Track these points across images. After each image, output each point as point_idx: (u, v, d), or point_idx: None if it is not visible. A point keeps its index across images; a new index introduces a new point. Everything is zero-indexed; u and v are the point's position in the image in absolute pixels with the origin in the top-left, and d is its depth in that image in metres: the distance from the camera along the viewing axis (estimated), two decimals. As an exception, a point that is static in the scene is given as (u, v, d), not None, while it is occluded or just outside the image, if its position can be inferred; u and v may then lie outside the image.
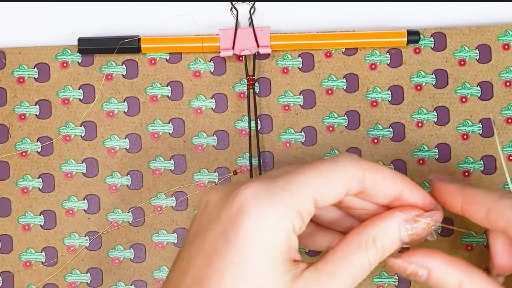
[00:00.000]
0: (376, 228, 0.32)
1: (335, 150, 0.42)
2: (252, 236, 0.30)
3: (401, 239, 0.33)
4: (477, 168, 0.42)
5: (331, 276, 0.31)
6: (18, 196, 0.42)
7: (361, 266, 0.31)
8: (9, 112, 0.42)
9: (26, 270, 0.42)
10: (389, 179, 0.32)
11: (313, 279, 0.31)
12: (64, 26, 0.43)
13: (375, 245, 0.32)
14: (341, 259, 0.31)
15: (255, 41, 0.41)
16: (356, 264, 0.31)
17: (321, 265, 0.31)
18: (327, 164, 0.31)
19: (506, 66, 0.41)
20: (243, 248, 0.30)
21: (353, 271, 0.31)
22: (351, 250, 0.32)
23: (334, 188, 0.31)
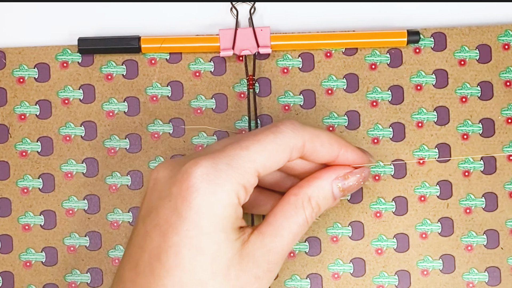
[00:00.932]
0: (311, 188, 0.35)
1: (335, 150, 0.42)
2: (204, 211, 0.32)
3: (334, 196, 0.35)
4: (477, 168, 0.42)
5: (274, 237, 0.33)
6: (18, 196, 0.42)
7: (300, 224, 0.34)
8: (9, 112, 0.42)
9: (26, 270, 0.42)
10: (327, 145, 0.35)
11: (259, 242, 0.33)
12: (64, 26, 0.43)
13: (310, 204, 0.34)
14: (281, 220, 0.34)
15: (255, 41, 0.41)
16: (295, 223, 0.34)
17: (264, 227, 0.34)
18: (270, 137, 0.33)
19: (506, 66, 0.41)
20: (196, 222, 0.32)
21: (293, 230, 0.34)
22: (290, 210, 0.34)
23: (276, 161, 0.33)
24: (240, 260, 0.33)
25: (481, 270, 0.41)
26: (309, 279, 0.42)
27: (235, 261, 0.32)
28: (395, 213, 0.42)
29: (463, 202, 0.41)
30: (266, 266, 0.33)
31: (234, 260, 0.32)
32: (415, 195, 0.42)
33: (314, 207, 0.35)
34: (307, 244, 0.42)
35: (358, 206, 0.42)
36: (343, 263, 0.42)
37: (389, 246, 0.41)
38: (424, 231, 0.41)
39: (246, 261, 0.33)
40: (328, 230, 0.42)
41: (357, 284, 0.41)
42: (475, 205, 0.41)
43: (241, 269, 0.33)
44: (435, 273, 0.41)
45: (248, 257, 0.33)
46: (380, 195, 0.42)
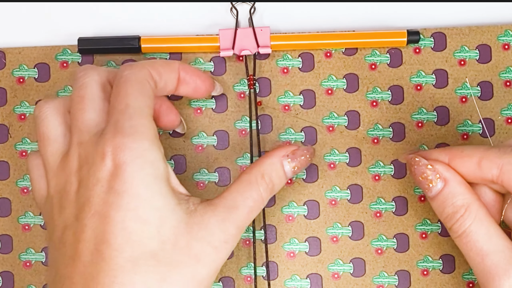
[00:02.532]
0: (263, 165, 0.36)
1: (335, 150, 0.42)
2: (136, 177, 0.32)
3: (285, 172, 0.36)
4: (477, 168, 0.42)
5: (228, 208, 0.34)
6: (18, 196, 0.42)
7: (255, 198, 0.35)
8: (9, 112, 0.42)
9: (26, 270, 0.42)
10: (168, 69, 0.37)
11: (210, 211, 0.34)
12: (64, 26, 0.43)
13: (264, 180, 0.35)
14: (235, 194, 0.35)
15: (255, 41, 0.41)
16: (250, 197, 0.35)
17: (217, 200, 0.34)
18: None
19: (506, 66, 0.41)
20: (134, 192, 0.32)
21: (248, 203, 0.34)
22: (244, 186, 0.35)
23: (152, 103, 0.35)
24: (188, 229, 0.33)
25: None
26: (309, 279, 0.42)
27: (182, 229, 0.33)
28: (395, 213, 0.42)
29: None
30: (222, 235, 0.33)
31: (181, 228, 0.33)
32: (415, 195, 0.42)
33: (268, 183, 0.35)
34: (307, 244, 0.42)
35: (358, 206, 0.42)
36: (343, 263, 0.42)
37: (389, 246, 0.41)
38: (424, 231, 0.41)
39: (196, 229, 0.33)
40: (328, 230, 0.42)
41: (357, 284, 0.41)
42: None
43: (192, 238, 0.33)
44: (435, 273, 0.41)
45: (198, 225, 0.33)
46: (380, 195, 0.42)
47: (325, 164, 0.42)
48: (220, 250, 0.33)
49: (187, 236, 0.33)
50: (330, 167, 0.42)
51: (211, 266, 0.33)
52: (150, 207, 0.32)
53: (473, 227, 0.34)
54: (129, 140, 0.32)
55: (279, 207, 0.42)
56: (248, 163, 0.41)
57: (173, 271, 0.32)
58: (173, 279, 0.32)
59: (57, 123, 0.36)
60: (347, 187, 0.42)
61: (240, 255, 0.42)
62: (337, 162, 0.42)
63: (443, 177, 0.34)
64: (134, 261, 0.32)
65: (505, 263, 0.33)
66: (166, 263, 0.32)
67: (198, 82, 0.38)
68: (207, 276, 0.33)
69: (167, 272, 0.32)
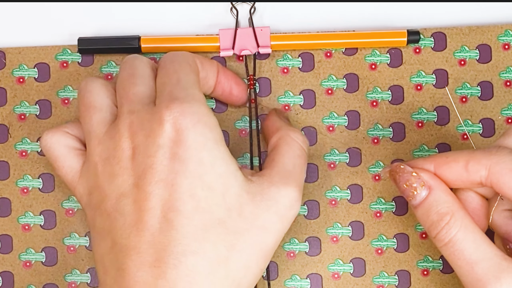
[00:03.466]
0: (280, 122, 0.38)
1: (335, 150, 0.42)
2: (199, 142, 0.32)
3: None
4: (477, 168, 0.42)
5: (282, 174, 0.34)
6: (18, 196, 0.42)
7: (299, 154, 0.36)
8: (9, 112, 0.42)
9: (26, 270, 0.42)
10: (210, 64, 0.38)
11: (267, 182, 0.34)
12: (64, 26, 0.43)
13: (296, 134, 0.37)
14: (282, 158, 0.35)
15: (255, 41, 0.41)
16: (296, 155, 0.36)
17: (268, 170, 0.35)
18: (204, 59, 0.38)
19: (506, 66, 0.41)
20: (199, 158, 0.32)
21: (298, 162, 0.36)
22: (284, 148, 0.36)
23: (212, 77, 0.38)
24: (251, 197, 0.33)
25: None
26: (309, 279, 0.42)
27: (245, 198, 0.33)
28: (395, 213, 0.42)
29: (463, 202, 0.41)
30: (287, 201, 0.34)
31: (244, 197, 0.33)
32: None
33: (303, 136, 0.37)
34: (307, 244, 0.42)
35: (358, 206, 0.42)
36: (343, 263, 0.42)
37: (389, 246, 0.41)
38: (424, 231, 0.41)
39: (259, 199, 0.33)
40: (328, 230, 0.42)
41: (357, 284, 0.41)
42: (475, 205, 0.41)
43: (256, 207, 0.33)
44: (435, 273, 0.41)
45: (261, 195, 0.33)
46: (380, 195, 0.42)
47: (325, 164, 0.42)
48: (286, 218, 0.34)
49: (251, 205, 0.33)
50: (330, 167, 0.42)
51: (276, 236, 0.34)
52: (214, 173, 0.32)
53: (459, 235, 0.33)
54: (187, 106, 0.32)
55: (279, 207, 0.42)
56: (248, 163, 0.41)
57: (241, 239, 0.32)
58: (242, 247, 0.32)
59: (104, 95, 0.36)
60: (347, 187, 0.42)
61: (240, 255, 0.42)
62: (337, 162, 0.42)
63: (427, 185, 0.34)
64: (205, 229, 0.32)
65: (495, 270, 0.32)
66: (234, 231, 0.32)
67: (233, 84, 0.39)
68: (272, 245, 0.34)
69: (235, 240, 0.32)
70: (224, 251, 0.32)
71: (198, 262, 0.31)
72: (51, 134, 0.36)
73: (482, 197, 0.35)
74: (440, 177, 0.34)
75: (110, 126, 0.34)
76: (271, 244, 0.34)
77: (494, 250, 0.33)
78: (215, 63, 0.39)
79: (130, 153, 0.33)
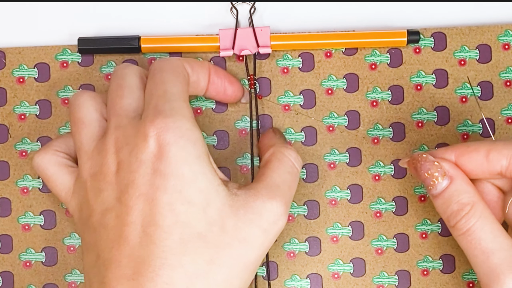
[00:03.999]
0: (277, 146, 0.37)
1: (335, 150, 0.42)
2: (181, 157, 0.32)
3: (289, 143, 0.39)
4: (477, 168, 0.42)
5: (269, 188, 0.34)
6: (18, 196, 0.42)
7: (290, 171, 0.36)
8: (9, 112, 0.42)
9: (26, 270, 0.42)
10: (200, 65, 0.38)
11: (253, 195, 0.34)
12: (64, 26, 0.43)
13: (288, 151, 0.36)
14: (271, 173, 0.35)
15: (255, 41, 0.41)
16: (286, 172, 0.36)
17: (255, 184, 0.35)
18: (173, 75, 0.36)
19: (506, 66, 0.41)
20: (179, 173, 0.32)
21: (286, 178, 0.35)
22: (275, 164, 0.36)
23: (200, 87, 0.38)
24: (234, 211, 0.33)
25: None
26: (309, 279, 0.42)
27: (228, 212, 0.33)
28: (395, 213, 0.42)
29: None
30: (271, 217, 0.34)
31: (226, 210, 0.33)
32: (415, 195, 0.42)
33: (295, 153, 0.37)
34: (307, 244, 0.42)
35: (358, 206, 0.42)
36: (343, 263, 0.42)
37: (389, 246, 0.41)
38: (424, 231, 0.41)
39: (242, 212, 0.33)
40: (328, 230, 0.42)
41: (357, 284, 0.41)
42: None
43: (239, 220, 0.33)
44: (435, 273, 0.41)
45: (244, 208, 0.33)
46: (380, 195, 0.42)
47: (325, 164, 0.42)
48: (269, 232, 0.34)
49: (233, 219, 0.33)
50: (330, 167, 0.42)
51: (259, 250, 0.34)
52: (194, 187, 0.32)
53: (478, 224, 0.33)
54: (171, 121, 0.33)
55: (279, 207, 0.42)
56: (248, 163, 0.41)
57: (221, 253, 0.32)
58: (222, 261, 0.32)
59: (92, 109, 0.36)
60: (347, 187, 0.42)
61: (240, 255, 0.42)
62: (337, 162, 0.42)
63: (449, 174, 0.34)
64: (183, 243, 0.32)
65: (510, 261, 0.33)
66: (215, 245, 0.32)
67: (226, 84, 0.39)
68: (255, 259, 0.34)
69: (215, 254, 0.32)
70: (204, 265, 0.32)
71: (176, 276, 0.31)
72: (41, 155, 0.37)
73: (500, 189, 0.36)
74: (461, 167, 0.35)
75: (99, 141, 0.35)
76: (253, 258, 0.34)
77: (511, 242, 0.33)
78: (206, 64, 0.39)
79: (115, 168, 0.34)
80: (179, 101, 0.34)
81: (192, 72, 0.37)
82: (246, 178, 0.42)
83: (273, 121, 0.42)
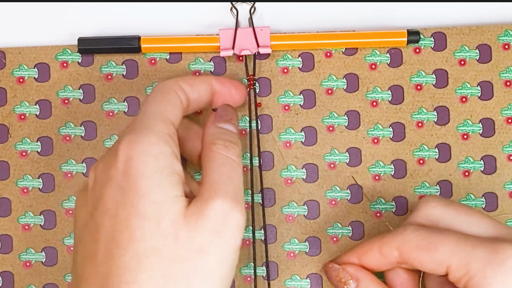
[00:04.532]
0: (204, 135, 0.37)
1: (335, 150, 0.42)
2: (139, 171, 0.32)
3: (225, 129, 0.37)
4: (477, 168, 0.42)
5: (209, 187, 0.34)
6: (18, 196, 0.42)
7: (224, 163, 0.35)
8: (9, 112, 0.42)
9: (26, 270, 0.42)
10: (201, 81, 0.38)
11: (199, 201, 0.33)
12: (64, 26, 0.43)
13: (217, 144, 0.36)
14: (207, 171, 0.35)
15: (255, 41, 0.41)
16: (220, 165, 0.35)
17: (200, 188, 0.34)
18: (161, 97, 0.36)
19: (506, 66, 0.41)
20: (137, 187, 0.32)
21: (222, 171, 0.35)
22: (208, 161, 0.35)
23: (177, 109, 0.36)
24: (186, 221, 0.32)
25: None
26: (309, 279, 0.42)
27: (181, 223, 0.32)
28: (395, 213, 0.42)
29: (463, 202, 0.41)
30: (219, 215, 0.33)
31: (179, 222, 0.32)
32: (415, 195, 0.42)
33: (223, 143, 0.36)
34: (307, 244, 0.42)
35: (358, 206, 0.42)
36: (343, 263, 0.41)
37: (389, 246, 0.41)
38: (424, 231, 0.41)
39: (194, 220, 0.32)
40: (328, 230, 0.42)
41: (357, 284, 0.41)
42: (475, 205, 0.41)
43: (191, 229, 0.32)
44: (435, 273, 0.41)
45: (195, 215, 0.33)
46: (380, 195, 0.42)
47: (325, 164, 0.42)
48: (223, 232, 0.33)
49: (186, 229, 0.32)
50: (330, 167, 0.42)
51: (218, 253, 0.33)
52: (149, 201, 0.32)
53: None
54: (137, 137, 0.33)
55: (279, 207, 0.42)
56: (248, 163, 0.41)
57: (177, 266, 0.32)
58: (178, 275, 0.32)
59: None
60: (347, 187, 0.42)
61: (240, 255, 0.42)
62: (337, 162, 0.42)
63: (355, 277, 0.37)
64: (138, 259, 0.31)
65: None
66: (170, 259, 0.32)
67: (233, 91, 0.39)
68: (217, 264, 0.33)
69: (171, 268, 0.32)
70: (161, 281, 0.31)
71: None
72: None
73: (410, 270, 0.37)
74: (365, 266, 0.37)
75: None
76: (213, 265, 0.33)
77: None
78: (207, 79, 0.39)
79: (92, 184, 0.34)
80: (154, 119, 0.34)
81: (192, 90, 0.37)
82: (246, 178, 0.42)
83: (273, 121, 0.42)
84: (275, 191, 0.42)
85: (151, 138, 0.33)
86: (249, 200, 0.41)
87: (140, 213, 0.32)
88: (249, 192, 0.41)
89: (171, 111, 0.35)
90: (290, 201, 0.42)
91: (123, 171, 0.33)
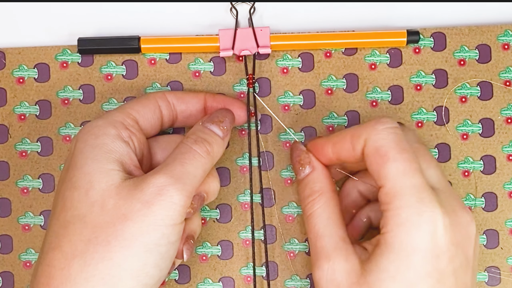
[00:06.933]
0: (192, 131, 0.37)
1: (335, 150, 0.42)
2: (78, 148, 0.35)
3: (215, 132, 0.37)
4: (477, 168, 0.42)
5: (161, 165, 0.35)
6: (18, 196, 0.42)
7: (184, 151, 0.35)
8: (9, 112, 0.42)
9: (26, 270, 0.42)
10: (191, 95, 0.40)
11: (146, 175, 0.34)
12: (64, 26, 0.43)
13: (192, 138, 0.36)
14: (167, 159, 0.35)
15: (255, 41, 0.41)
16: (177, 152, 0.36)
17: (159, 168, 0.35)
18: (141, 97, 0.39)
19: (506, 66, 0.41)
20: (74, 162, 0.35)
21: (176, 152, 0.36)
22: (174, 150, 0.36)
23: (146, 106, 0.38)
24: (119, 190, 0.34)
25: (481, 269, 0.41)
26: (309, 279, 0.42)
27: (112, 192, 0.34)
28: (395, 213, 0.42)
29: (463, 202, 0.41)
30: (153, 188, 0.33)
31: (111, 191, 0.34)
32: (415, 195, 0.42)
33: (194, 138, 0.36)
34: (306, 244, 0.42)
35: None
36: (343, 263, 0.41)
37: (389, 246, 0.41)
38: (424, 231, 0.41)
39: (126, 190, 0.34)
40: (328, 230, 0.42)
41: (357, 284, 0.41)
42: (475, 205, 0.42)
43: (120, 198, 0.33)
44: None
45: (130, 186, 0.34)
46: (380, 195, 0.42)
47: (325, 164, 0.42)
48: (152, 203, 0.33)
49: (115, 198, 0.33)
50: (330, 167, 0.42)
51: (143, 222, 0.33)
52: (81, 172, 0.34)
53: (319, 211, 0.37)
54: (90, 122, 0.36)
55: (279, 207, 0.42)
56: (248, 163, 0.41)
57: (98, 231, 0.33)
58: (99, 239, 0.33)
59: None
60: (347, 187, 0.42)
61: (240, 255, 0.42)
62: (337, 162, 0.42)
63: (312, 164, 0.38)
64: (64, 225, 0.34)
65: (330, 248, 0.35)
66: (93, 225, 0.33)
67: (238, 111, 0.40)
68: (140, 232, 0.33)
69: (93, 233, 0.33)
70: (81, 244, 0.33)
71: (55, 257, 0.33)
72: None
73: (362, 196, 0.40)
74: (337, 155, 0.37)
75: None
76: (136, 232, 0.33)
77: (339, 231, 0.36)
78: (199, 94, 0.40)
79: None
80: (115, 110, 0.37)
81: (179, 102, 0.39)
82: (246, 178, 0.42)
83: (273, 121, 0.42)
84: (275, 191, 0.42)
85: (99, 121, 0.36)
86: (249, 200, 0.41)
87: (73, 185, 0.34)
88: (249, 192, 0.41)
89: (139, 110, 0.37)
90: (290, 201, 0.42)
91: (70, 153, 0.36)
